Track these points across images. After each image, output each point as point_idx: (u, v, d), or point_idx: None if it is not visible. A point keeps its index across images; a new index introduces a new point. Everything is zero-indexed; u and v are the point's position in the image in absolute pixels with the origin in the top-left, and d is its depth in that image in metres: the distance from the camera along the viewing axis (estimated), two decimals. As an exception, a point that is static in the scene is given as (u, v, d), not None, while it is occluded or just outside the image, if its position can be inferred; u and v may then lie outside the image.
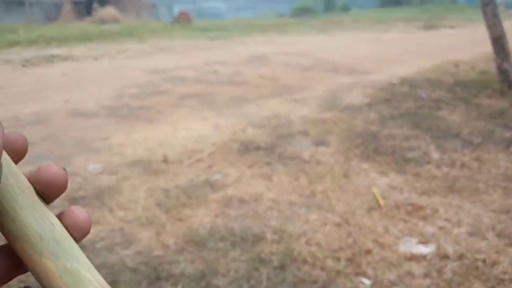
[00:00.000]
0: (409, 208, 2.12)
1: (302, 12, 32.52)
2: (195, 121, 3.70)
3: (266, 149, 2.91)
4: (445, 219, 1.97)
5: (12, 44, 10.36)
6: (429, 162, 2.68)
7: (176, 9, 31.82)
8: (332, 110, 3.97)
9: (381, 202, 2.15)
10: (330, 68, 6.35)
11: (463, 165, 2.59)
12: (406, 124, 3.44)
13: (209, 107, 4.18)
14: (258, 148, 2.92)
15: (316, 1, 40.42)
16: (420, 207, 2.12)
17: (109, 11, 24.64)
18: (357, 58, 7.15)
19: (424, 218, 2.02)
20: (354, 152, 2.82)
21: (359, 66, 6.36)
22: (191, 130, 3.41)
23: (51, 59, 6.94)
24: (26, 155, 0.25)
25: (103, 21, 22.58)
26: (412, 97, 4.30)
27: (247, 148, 2.94)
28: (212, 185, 2.31)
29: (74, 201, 2.09)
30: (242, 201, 2.13)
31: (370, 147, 2.91)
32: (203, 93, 4.84)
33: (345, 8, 37.77)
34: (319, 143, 3.06)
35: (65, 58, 7.07)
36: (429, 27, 13.40)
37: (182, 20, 20.55)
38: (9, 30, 14.34)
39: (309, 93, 4.74)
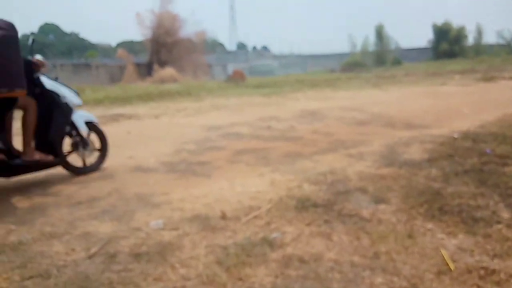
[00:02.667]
0: (482, 272, 1.96)
1: (353, 66, 32.87)
2: (251, 177, 3.74)
3: (324, 206, 2.86)
4: (526, 287, 1.80)
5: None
6: (499, 222, 2.50)
7: (230, 68, 33.39)
8: (390, 166, 3.86)
9: (451, 266, 2.01)
10: (386, 122, 6.27)
11: (540, 226, 2.39)
12: (471, 181, 3.27)
13: (265, 163, 4.22)
14: (315, 205, 2.88)
15: (366, 55, 40.83)
16: (493, 271, 1.95)
17: (168, 71, 26.33)
18: (414, 112, 7.02)
19: (498, 283, 1.86)
20: (418, 211, 2.69)
21: (417, 120, 6.23)
22: (247, 186, 3.44)
23: (116, 118, 7.42)
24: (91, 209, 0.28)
25: (162, 81, 24.09)
26: (476, 152, 4.11)
27: (304, 205, 2.90)
28: (271, 244, 2.28)
29: (137, 257, 2.14)
30: (302, 261, 2.07)
31: (435, 205, 2.77)
32: (258, 149, 4.91)
33: (397, 62, 37.73)
34: (379, 200, 2.96)
35: (129, 117, 7.53)
36: (487, 79, 13.01)
37: (236, 77, 21.43)
38: (78, 91, 15.62)
39: (365, 148, 4.67)
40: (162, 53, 28.80)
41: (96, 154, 4.23)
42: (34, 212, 3.02)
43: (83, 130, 4.09)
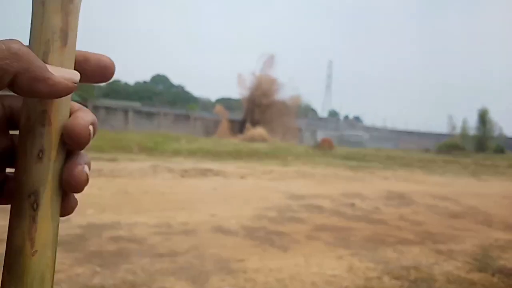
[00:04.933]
0: None
1: (450, 149, 31.15)
2: (329, 257, 3.63)
3: (404, 307, 2.66)
4: None
5: (175, 152, 12.00)
6: None
7: (320, 134, 33.62)
8: (482, 271, 3.51)
9: None
10: (483, 219, 5.77)
11: None
12: None
13: (344, 245, 4.09)
14: (394, 304, 2.69)
15: (466, 139, 38.55)
16: None
17: (259, 131, 27.30)
18: (516, 212, 6.39)
19: None
20: (513, 335, 2.39)
21: (519, 222, 5.64)
22: (323, 267, 3.34)
23: (205, 172, 7.79)
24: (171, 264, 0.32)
25: (252, 139, 24.99)
26: None
27: (382, 301, 2.73)
28: None
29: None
30: None
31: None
32: (339, 227, 4.79)
33: (499, 150, 34.99)
34: (468, 311, 2.68)
35: (217, 173, 7.86)
36: None
37: (324, 145, 21.49)
38: (174, 139, 16.79)
39: (456, 246, 4.32)
40: (256, 112, 30.07)
41: None
42: (120, 257, 3.23)
43: None
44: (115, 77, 0.33)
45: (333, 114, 61.88)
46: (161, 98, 51.65)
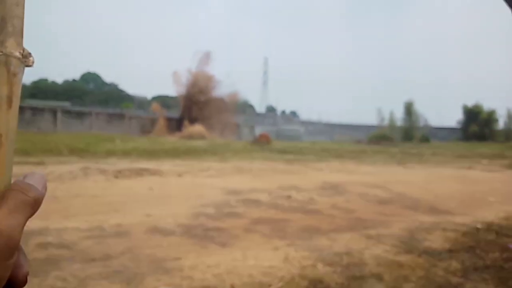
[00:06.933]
0: None
1: (380, 140, 32.88)
2: (266, 249, 3.69)
3: (337, 291, 2.78)
4: None
5: (109, 153, 11.56)
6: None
7: (258, 130, 34.01)
8: (409, 253, 3.75)
9: None
10: (409, 204, 6.16)
11: None
12: (491, 278, 3.13)
13: (280, 236, 4.18)
14: (327, 289, 2.80)
15: (394, 130, 40.88)
16: None
17: (197, 128, 27.05)
18: (438, 196, 6.89)
19: None
20: (434, 308, 2.58)
21: (441, 205, 6.09)
22: (260, 260, 3.39)
23: (140, 172, 7.58)
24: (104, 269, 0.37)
25: (190, 136, 24.69)
26: (498, 247, 3.96)
27: (316, 287, 2.83)
28: (277, 328, 2.22)
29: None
30: None
31: (452, 303, 2.65)
32: (275, 219, 4.88)
33: (425, 139, 37.51)
34: (394, 291, 2.86)
35: (153, 173, 7.68)
36: (517, 166, 12.74)
37: (262, 141, 21.79)
38: (108, 139, 16.17)
39: (385, 230, 4.57)
40: (193, 110, 29.74)
41: None
42: (49, 264, 3.05)
43: None
44: (42, 75, 0.34)
45: (270, 109, 62.84)
46: (92, 97, 49.38)
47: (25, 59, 0.37)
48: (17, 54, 0.36)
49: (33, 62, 0.38)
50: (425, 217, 5.34)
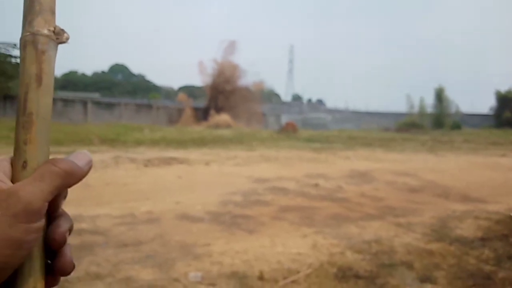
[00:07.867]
0: None
1: (409, 127, 32.16)
2: (294, 236, 3.70)
3: (366, 279, 2.76)
4: None
5: (138, 142, 11.78)
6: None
7: (284, 119, 33.87)
8: (440, 241, 3.68)
9: None
10: (440, 192, 6.03)
11: None
12: (528, 268, 3.04)
13: (308, 223, 4.17)
14: (357, 276, 2.78)
15: (424, 116, 39.87)
16: None
17: (223, 117, 27.18)
18: (470, 183, 6.71)
19: None
20: (467, 297, 2.53)
21: (473, 193, 5.93)
22: (288, 247, 3.40)
23: (169, 161, 7.71)
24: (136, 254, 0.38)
25: (217, 126, 24.85)
26: (536, 236, 3.83)
27: (345, 274, 2.82)
28: (307, 314, 2.23)
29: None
30: (337, 338, 1.99)
31: (486, 292, 2.59)
32: (303, 207, 4.88)
33: (456, 126, 36.42)
34: (425, 279, 2.81)
35: (181, 161, 7.79)
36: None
37: (289, 129, 21.69)
38: (137, 129, 16.47)
39: (415, 218, 4.50)
40: (219, 99, 29.88)
41: None
42: (83, 250, 3.16)
43: None
44: (72, 67, 0.35)
45: (297, 98, 62.39)
46: (121, 88, 50.28)
47: (58, 36, 0.36)
48: (45, 31, 0.36)
49: (67, 39, 0.37)
50: (456, 205, 5.22)
